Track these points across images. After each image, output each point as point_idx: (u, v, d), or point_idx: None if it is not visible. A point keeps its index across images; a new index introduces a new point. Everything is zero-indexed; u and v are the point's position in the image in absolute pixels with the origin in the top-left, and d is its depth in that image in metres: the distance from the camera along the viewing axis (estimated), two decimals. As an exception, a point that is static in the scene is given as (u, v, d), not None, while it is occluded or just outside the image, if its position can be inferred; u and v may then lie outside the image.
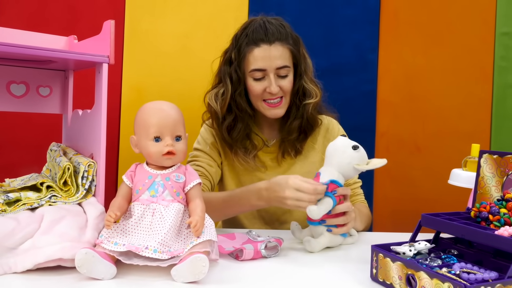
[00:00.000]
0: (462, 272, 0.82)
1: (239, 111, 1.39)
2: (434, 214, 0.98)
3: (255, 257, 1.07)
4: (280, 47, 1.34)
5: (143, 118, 1.01)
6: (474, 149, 1.32)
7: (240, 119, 1.40)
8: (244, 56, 1.34)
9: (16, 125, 1.75)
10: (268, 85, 1.34)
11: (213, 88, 1.42)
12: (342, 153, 1.16)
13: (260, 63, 1.33)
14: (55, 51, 1.01)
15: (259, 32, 1.33)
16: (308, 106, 1.40)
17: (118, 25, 1.83)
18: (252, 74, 1.35)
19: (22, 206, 0.98)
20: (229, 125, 1.39)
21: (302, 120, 1.42)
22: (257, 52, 1.33)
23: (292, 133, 1.42)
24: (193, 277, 0.89)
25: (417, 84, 1.94)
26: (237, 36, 1.38)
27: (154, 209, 0.96)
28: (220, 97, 1.38)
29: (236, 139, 1.40)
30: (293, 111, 1.42)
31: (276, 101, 1.37)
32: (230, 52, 1.38)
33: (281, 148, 1.45)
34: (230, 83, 1.36)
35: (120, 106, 1.86)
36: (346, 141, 1.17)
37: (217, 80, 1.42)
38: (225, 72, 1.38)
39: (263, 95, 1.36)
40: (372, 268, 0.94)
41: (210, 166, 1.42)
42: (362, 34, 1.94)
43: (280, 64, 1.33)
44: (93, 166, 1.06)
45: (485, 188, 1.04)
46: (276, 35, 1.33)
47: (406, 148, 1.95)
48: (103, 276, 0.89)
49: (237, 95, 1.37)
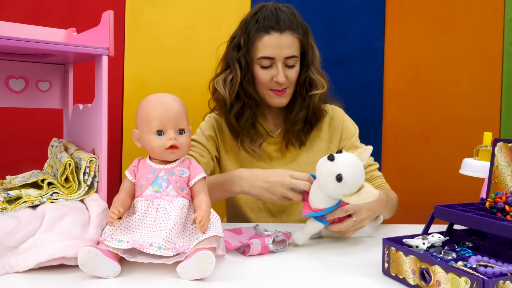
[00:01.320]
0: (479, 266, 0.79)
1: (247, 98, 1.36)
2: (447, 206, 0.95)
3: (263, 252, 1.04)
4: (290, 36, 1.31)
5: (145, 111, 0.98)
6: (486, 138, 1.29)
7: (248, 107, 1.37)
8: (253, 42, 1.32)
9: (16, 121, 1.72)
10: (275, 74, 1.32)
11: (220, 74, 1.39)
12: (325, 183, 1.01)
13: (269, 51, 1.30)
14: (52, 44, 0.98)
15: (270, 19, 1.31)
16: (314, 97, 1.38)
17: (119, 17, 1.80)
18: (260, 61, 1.32)
19: (23, 204, 0.96)
20: (237, 112, 1.37)
21: (308, 111, 1.39)
22: (267, 40, 1.30)
23: (297, 124, 1.39)
24: (199, 274, 0.86)
25: (424, 72, 1.91)
26: (247, 21, 1.35)
27: (158, 204, 0.93)
28: (228, 83, 1.35)
29: (243, 127, 1.38)
30: (299, 102, 1.39)
31: (281, 90, 1.35)
32: (239, 37, 1.35)
33: (285, 139, 1.42)
34: (239, 69, 1.34)
35: (122, 99, 1.83)
36: (331, 168, 0.99)
37: (225, 65, 1.39)
38: (233, 58, 1.35)
39: (269, 84, 1.34)
40: (384, 262, 0.91)
41: (201, 157, 1.38)
42: (367, 22, 1.90)
43: (289, 53, 1.31)
44: (95, 161, 1.03)
45: (500, 178, 1.01)
46: (287, 24, 1.31)
47: (414, 138, 1.91)
48: (107, 274, 0.86)
49: (245, 82, 1.34)
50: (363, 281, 0.90)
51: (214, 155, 1.43)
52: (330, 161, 1.00)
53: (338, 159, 1.00)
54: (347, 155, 1.02)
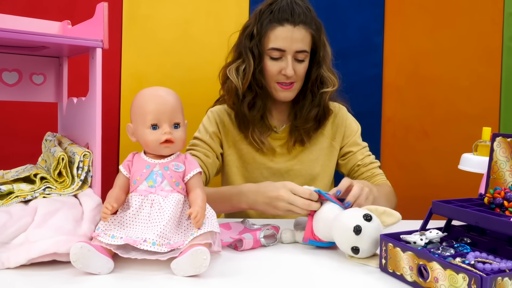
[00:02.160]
0: (477, 262, 0.78)
1: (259, 88, 1.35)
2: (445, 201, 0.94)
3: (255, 246, 1.04)
4: (303, 31, 1.30)
5: (140, 105, 0.96)
6: (485, 133, 1.27)
7: (260, 97, 1.36)
8: (266, 32, 1.31)
9: (10, 115, 1.70)
10: (284, 67, 1.31)
11: (232, 63, 1.37)
12: (339, 243, 0.97)
13: (281, 42, 1.29)
14: (46, 36, 0.96)
15: (285, 11, 1.29)
16: (325, 95, 1.37)
17: (116, 11, 1.78)
18: (270, 52, 1.31)
19: (14, 199, 0.94)
20: (249, 102, 1.36)
21: (319, 109, 1.38)
22: (280, 31, 1.29)
23: (309, 122, 1.38)
24: (194, 270, 0.85)
25: (423, 67, 1.90)
26: (261, 11, 1.34)
27: (152, 200, 0.92)
28: (241, 72, 1.34)
29: (255, 117, 1.37)
30: (309, 99, 1.38)
31: (288, 84, 1.33)
32: (252, 26, 1.34)
33: (292, 136, 1.41)
34: (252, 58, 1.32)
35: (120, 94, 1.82)
36: (352, 239, 0.93)
37: (237, 54, 1.38)
38: (246, 47, 1.34)
39: (277, 76, 1.33)
40: (381, 259, 0.90)
41: (206, 157, 1.37)
42: (367, 16, 1.88)
43: (300, 47, 1.30)
44: (89, 156, 1.02)
45: (498, 173, 0.99)
46: (302, 17, 1.30)
47: (413, 133, 1.90)
48: (100, 270, 0.85)
49: (257, 72, 1.33)
50: (360, 278, 0.88)
51: (220, 153, 1.42)
52: (356, 235, 0.92)
53: (364, 234, 0.92)
54: (373, 228, 0.94)
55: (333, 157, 1.45)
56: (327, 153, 1.43)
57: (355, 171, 1.43)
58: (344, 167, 1.46)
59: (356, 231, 0.92)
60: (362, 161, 1.42)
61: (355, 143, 1.44)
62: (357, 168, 1.42)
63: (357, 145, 1.44)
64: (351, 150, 1.43)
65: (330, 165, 1.45)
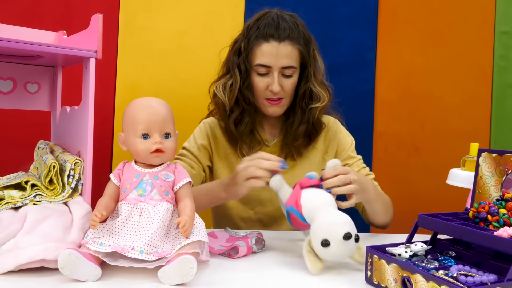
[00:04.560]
0: (460, 275, 0.79)
1: (246, 104, 1.35)
2: (431, 215, 0.95)
3: (247, 253, 1.07)
4: (289, 46, 1.30)
5: (131, 115, 0.98)
6: (473, 148, 1.29)
7: (247, 113, 1.36)
8: (252, 48, 1.31)
9: (4, 123, 1.71)
10: (271, 83, 1.31)
11: (220, 78, 1.38)
12: (313, 238, 0.97)
13: (266, 59, 1.30)
14: (40, 45, 0.98)
15: (271, 27, 1.30)
16: (315, 110, 1.36)
17: (112, 22, 1.80)
18: (257, 68, 1.32)
19: (5, 205, 0.95)
20: (236, 118, 1.36)
21: (307, 125, 1.38)
22: (265, 48, 1.30)
23: (298, 139, 1.38)
24: (180, 279, 0.85)
25: (415, 83, 1.91)
26: (249, 26, 1.35)
27: (141, 208, 0.93)
28: (228, 88, 1.34)
29: (242, 133, 1.37)
30: (298, 115, 1.37)
31: (276, 99, 1.34)
32: (240, 42, 1.35)
33: (283, 151, 1.41)
34: (239, 74, 1.33)
35: (114, 104, 1.83)
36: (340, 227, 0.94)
37: (225, 70, 1.38)
38: (233, 63, 1.34)
39: (265, 92, 1.33)
40: (367, 270, 0.91)
41: (191, 168, 1.37)
42: (360, 32, 1.91)
43: (286, 63, 1.30)
44: (80, 164, 1.03)
45: (484, 188, 1.01)
46: (287, 33, 1.30)
47: (405, 148, 1.92)
48: (87, 278, 0.85)
49: (244, 87, 1.33)
50: (345, 289, 0.89)
51: (206, 165, 1.42)
52: (345, 240, 0.93)
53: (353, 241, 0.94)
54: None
55: None
56: (319, 167, 1.43)
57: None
58: None
59: (346, 238, 0.92)
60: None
61: (349, 157, 1.44)
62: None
63: (351, 158, 1.44)
64: (346, 163, 1.43)
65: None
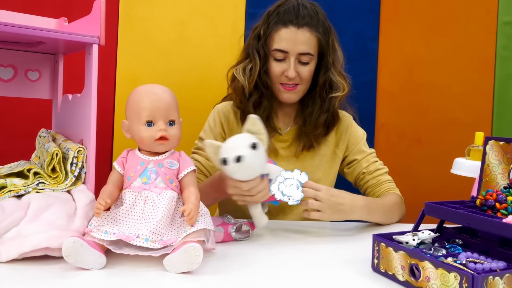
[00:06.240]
0: (469, 262, 0.78)
1: (265, 88, 1.35)
2: (438, 203, 0.95)
3: (225, 240, 1.08)
4: (308, 33, 1.30)
5: (135, 102, 0.97)
6: (478, 137, 1.28)
7: (266, 97, 1.36)
8: (271, 33, 1.32)
9: (4, 111, 1.69)
10: (287, 68, 1.31)
11: (240, 63, 1.38)
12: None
13: (284, 44, 1.30)
14: (42, 31, 0.96)
15: (290, 13, 1.31)
16: (335, 99, 1.37)
17: (112, 12, 1.78)
18: (274, 53, 1.32)
19: (7, 193, 0.94)
20: (255, 101, 1.36)
21: (328, 115, 1.38)
22: (283, 33, 1.30)
23: (319, 128, 1.38)
24: (186, 267, 0.85)
25: (418, 74, 1.91)
26: (270, 12, 1.36)
27: (146, 196, 0.92)
28: (248, 72, 1.35)
29: (260, 117, 1.36)
30: (318, 104, 1.37)
31: (292, 85, 1.34)
32: (260, 27, 1.36)
33: (301, 141, 1.40)
34: (258, 58, 1.34)
35: (114, 95, 1.82)
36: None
37: (245, 54, 1.39)
38: (253, 47, 1.35)
39: (280, 77, 1.34)
40: (374, 259, 0.90)
41: (208, 160, 1.37)
42: (362, 22, 1.89)
43: (303, 50, 1.30)
44: (83, 152, 1.01)
45: (490, 176, 1.00)
46: (307, 20, 1.30)
47: (407, 139, 1.91)
48: (92, 266, 0.84)
49: (263, 72, 1.34)
50: (352, 278, 0.89)
51: None
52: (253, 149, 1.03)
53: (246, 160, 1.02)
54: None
55: (335, 164, 1.44)
56: (329, 160, 1.43)
57: (360, 179, 1.42)
58: (350, 175, 1.45)
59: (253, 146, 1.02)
60: (367, 168, 1.40)
61: (360, 151, 1.43)
62: (362, 176, 1.41)
63: (362, 152, 1.43)
64: (355, 158, 1.42)
65: (331, 172, 1.44)
